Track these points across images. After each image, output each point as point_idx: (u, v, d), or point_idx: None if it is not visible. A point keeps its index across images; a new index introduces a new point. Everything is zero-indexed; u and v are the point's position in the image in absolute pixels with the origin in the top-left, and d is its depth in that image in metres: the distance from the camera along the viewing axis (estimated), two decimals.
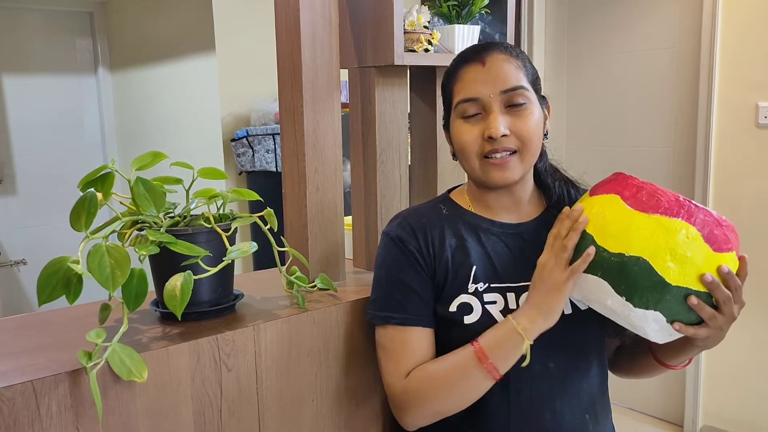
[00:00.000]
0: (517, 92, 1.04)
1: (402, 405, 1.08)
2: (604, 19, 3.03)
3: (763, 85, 2.51)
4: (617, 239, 0.92)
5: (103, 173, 0.96)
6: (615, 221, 0.93)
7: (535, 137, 1.06)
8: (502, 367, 0.99)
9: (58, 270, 0.86)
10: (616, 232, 0.93)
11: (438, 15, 1.45)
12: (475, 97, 1.05)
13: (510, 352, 0.99)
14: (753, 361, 2.64)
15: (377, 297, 1.12)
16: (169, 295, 0.94)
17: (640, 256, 0.90)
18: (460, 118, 1.08)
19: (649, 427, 2.95)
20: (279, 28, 1.25)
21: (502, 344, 0.99)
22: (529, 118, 1.05)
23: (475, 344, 1.02)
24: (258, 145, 3.07)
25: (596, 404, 1.12)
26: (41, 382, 0.84)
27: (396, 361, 1.08)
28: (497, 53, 1.07)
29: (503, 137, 1.03)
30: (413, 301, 1.08)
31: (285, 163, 1.29)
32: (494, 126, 1.03)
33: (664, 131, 2.88)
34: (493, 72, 1.05)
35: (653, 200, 0.93)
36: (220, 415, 1.02)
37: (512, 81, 1.05)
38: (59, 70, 3.97)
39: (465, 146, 1.07)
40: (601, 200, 0.97)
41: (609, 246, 0.93)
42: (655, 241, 0.90)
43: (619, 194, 0.96)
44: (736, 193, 2.63)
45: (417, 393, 1.05)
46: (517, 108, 1.05)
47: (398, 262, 1.10)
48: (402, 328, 1.08)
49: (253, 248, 1.03)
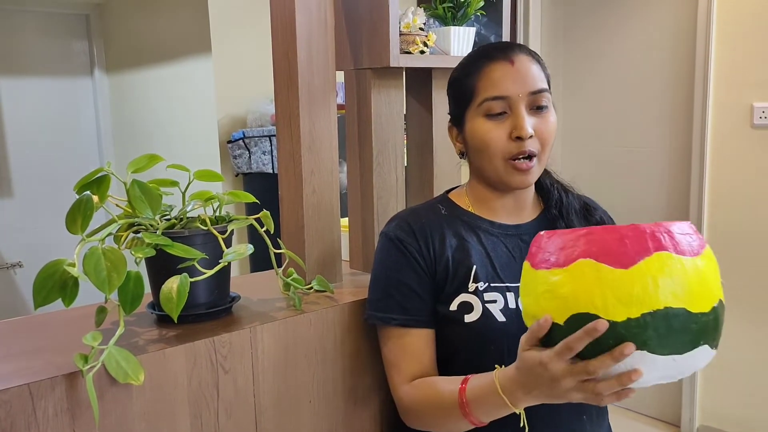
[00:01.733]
0: (543, 95, 1.05)
1: (402, 413, 1.11)
2: (600, 21, 3.04)
3: (758, 86, 2.52)
4: (705, 296, 0.78)
5: (99, 176, 0.96)
6: (692, 279, 0.77)
7: (553, 140, 1.08)
8: (486, 419, 0.97)
9: (54, 273, 0.86)
10: (700, 290, 0.78)
11: (433, 17, 1.45)
12: (505, 96, 1.04)
13: (495, 413, 0.95)
14: (749, 361, 2.64)
15: (376, 298, 1.12)
16: (166, 298, 0.94)
17: (719, 299, 0.80)
18: (483, 116, 1.07)
19: (646, 427, 2.96)
20: (275, 30, 1.26)
21: (489, 407, 0.94)
22: (550, 121, 1.06)
23: (462, 392, 0.97)
24: (254, 146, 3.06)
25: (593, 406, 1.12)
26: (37, 385, 0.84)
27: (398, 367, 1.09)
28: (523, 54, 1.07)
29: (529, 138, 1.04)
30: (414, 302, 1.08)
31: (281, 164, 1.29)
32: (524, 126, 1.03)
33: (659, 132, 2.89)
34: (523, 72, 1.05)
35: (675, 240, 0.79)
36: (217, 418, 1.02)
37: (539, 83, 1.05)
38: (55, 72, 3.97)
39: (490, 144, 1.06)
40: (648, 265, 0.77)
41: (702, 308, 0.78)
42: (716, 277, 0.81)
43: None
44: (731, 194, 2.64)
45: (412, 410, 1.07)
46: (539, 110, 1.06)
47: (398, 263, 1.10)
48: (402, 330, 1.08)
49: (249, 250, 1.03)
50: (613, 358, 0.76)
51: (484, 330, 1.04)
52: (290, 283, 1.17)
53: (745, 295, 2.60)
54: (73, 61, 4.03)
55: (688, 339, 0.77)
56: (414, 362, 1.07)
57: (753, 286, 2.57)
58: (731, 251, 2.62)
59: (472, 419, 0.96)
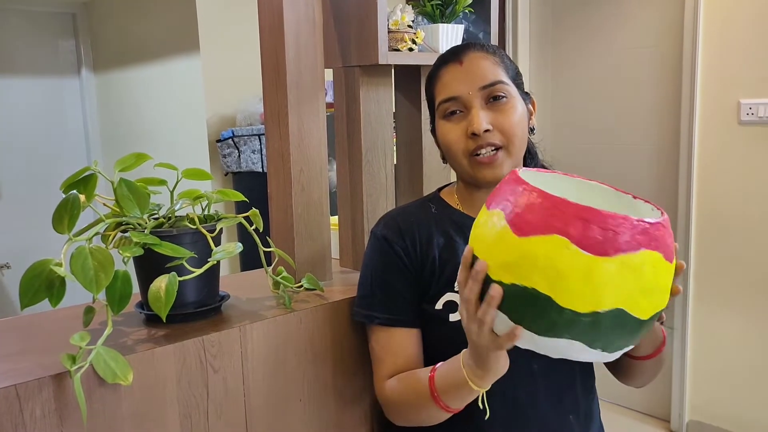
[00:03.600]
0: (496, 87, 1.05)
1: (384, 408, 1.12)
2: (588, 18, 3.05)
3: (745, 83, 2.53)
4: (585, 297, 0.73)
5: (86, 175, 0.95)
6: (575, 276, 0.73)
7: (519, 131, 1.06)
8: (456, 406, 0.98)
9: (40, 273, 0.86)
10: (581, 290, 0.73)
11: (422, 14, 1.45)
12: (455, 96, 1.06)
13: (465, 396, 0.96)
14: (738, 356, 2.67)
15: (362, 295, 1.13)
16: (154, 297, 0.93)
17: (614, 308, 0.74)
18: (442, 118, 1.09)
19: (635, 422, 2.98)
20: (263, 29, 1.25)
21: (455, 390, 0.95)
22: (511, 112, 1.06)
23: (431, 380, 0.98)
24: (244, 145, 3.05)
25: (581, 406, 1.12)
26: (24, 387, 0.83)
27: (379, 364, 1.10)
28: (474, 52, 1.08)
29: (486, 132, 1.04)
30: (397, 302, 1.09)
31: (270, 163, 1.29)
32: (476, 122, 1.04)
33: (647, 129, 2.91)
34: (471, 70, 1.06)
35: (609, 236, 0.73)
36: (207, 417, 1.02)
37: (490, 77, 1.06)
38: (42, 71, 3.93)
39: (450, 145, 1.08)
40: (543, 244, 0.74)
41: (576, 306, 0.74)
42: (626, 286, 0.74)
43: (565, 235, 0.73)
44: (719, 190, 2.65)
45: (392, 403, 1.08)
46: (497, 102, 1.06)
47: (383, 262, 1.10)
48: (385, 329, 1.09)
49: (238, 249, 1.03)
50: (472, 278, 0.80)
51: None
52: (280, 281, 1.17)
53: (732, 290, 2.62)
54: (60, 61, 4.00)
55: (544, 323, 0.76)
56: (397, 360, 1.08)
57: (740, 281, 2.59)
58: (718, 247, 2.64)
59: (442, 404, 0.97)
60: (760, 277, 2.55)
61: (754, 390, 2.64)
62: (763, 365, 2.60)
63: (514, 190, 0.79)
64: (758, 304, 2.57)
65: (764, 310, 2.57)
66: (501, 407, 1.05)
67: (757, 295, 2.57)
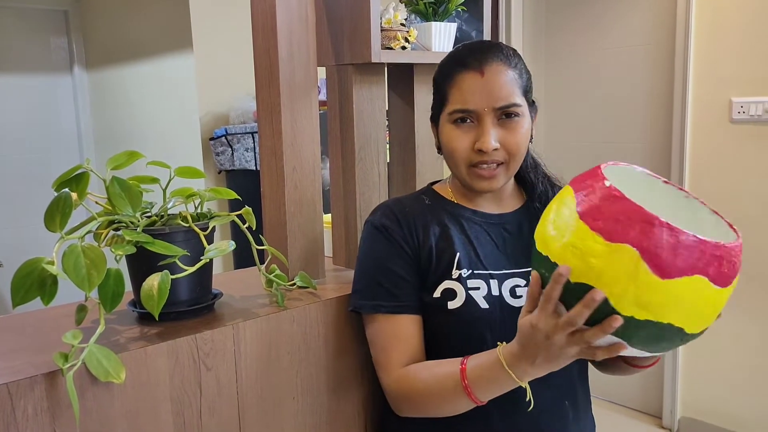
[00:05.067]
0: (511, 108, 1.06)
1: (393, 400, 1.10)
2: (581, 17, 3.06)
3: (736, 81, 2.55)
4: (650, 311, 0.77)
5: (78, 173, 0.95)
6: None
7: (523, 148, 1.08)
8: (486, 398, 0.99)
9: (32, 271, 0.85)
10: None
11: (415, 12, 1.45)
12: (471, 110, 1.06)
13: (498, 390, 0.97)
14: (730, 353, 2.68)
15: (364, 286, 1.12)
16: (146, 295, 0.93)
17: (672, 324, 0.78)
18: (451, 122, 1.09)
19: (628, 419, 2.99)
20: (255, 27, 1.25)
21: (492, 383, 0.96)
22: (519, 131, 1.07)
23: (462, 372, 0.98)
24: (237, 143, 3.05)
25: (576, 392, 1.14)
26: (16, 385, 0.83)
27: (387, 354, 1.09)
28: (496, 63, 1.06)
29: (493, 151, 1.05)
30: (403, 289, 1.09)
31: (263, 161, 1.29)
32: (486, 140, 1.04)
33: (640, 127, 2.92)
34: (490, 85, 1.05)
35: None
36: (200, 415, 1.02)
37: (508, 97, 1.05)
38: (34, 69, 3.91)
39: (454, 152, 1.09)
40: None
41: (637, 314, 0.77)
42: (687, 306, 0.78)
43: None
44: (710, 187, 2.67)
45: (406, 397, 1.07)
46: (508, 120, 1.06)
47: (385, 251, 1.11)
48: (392, 317, 1.09)
49: (231, 247, 1.03)
50: (586, 306, 0.78)
51: (466, 316, 1.05)
52: (273, 279, 1.17)
53: None
54: (52, 58, 3.98)
55: (666, 345, 0.82)
56: (404, 348, 1.08)
57: None
58: None
59: (473, 397, 0.97)
60: (752, 275, 2.57)
61: (746, 387, 2.66)
62: (755, 362, 2.62)
63: (639, 218, 0.76)
64: (750, 302, 2.59)
65: (756, 307, 2.59)
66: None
67: (749, 293, 2.58)
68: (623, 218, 0.77)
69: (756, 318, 2.59)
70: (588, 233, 0.79)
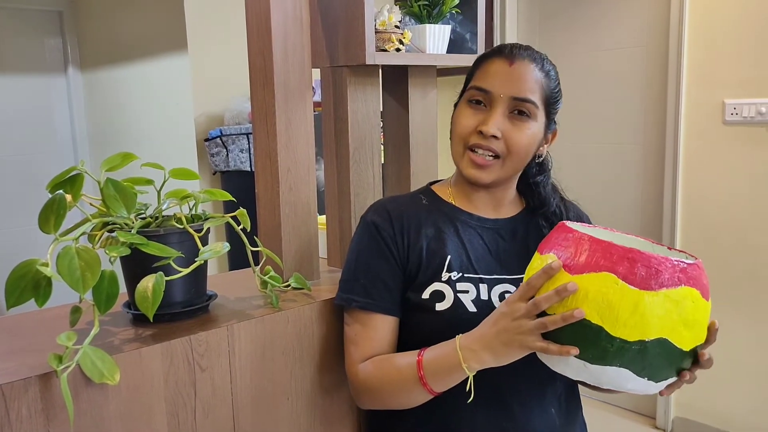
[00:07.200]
0: (526, 104, 1.06)
1: (355, 391, 1.12)
2: (575, 19, 3.07)
3: (730, 83, 2.56)
4: (633, 327, 0.83)
5: (72, 174, 0.95)
6: (623, 307, 0.83)
7: (523, 151, 1.08)
8: (440, 389, 1.01)
9: (26, 273, 0.85)
10: (629, 320, 0.83)
11: (409, 14, 1.46)
12: (487, 89, 1.07)
13: (450, 380, 0.99)
14: (724, 354, 2.68)
15: (345, 279, 1.14)
16: (141, 297, 0.93)
17: (659, 337, 0.84)
18: (467, 101, 1.10)
19: (621, 420, 3.00)
20: (250, 28, 1.25)
21: (443, 372, 0.99)
22: (525, 131, 1.07)
23: (419, 362, 1.01)
24: (232, 144, 3.05)
25: (564, 398, 1.14)
26: (10, 387, 0.83)
27: (355, 346, 1.11)
28: (528, 60, 1.07)
29: (492, 137, 1.05)
30: (377, 288, 1.09)
31: (258, 162, 1.29)
32: (489, 124, 1.05)
33: (634, 128, 2.93)
34: (515, 74, 1.06)
35: (653, 273, 0.83)
36: (195, 417, 1.02)
37: (526, 92, 1.06)
38: (28, 69, 3.90)
39: (457, 127, 1.10)
40: (594, 281, 0.85)
41: (625, 335, 0.83)
42: (669, 317, 0.84)
43: (613, 272, 0.84)
44: (704, 189, 2.68)
45: (366, 386, 1.09)
46: (519, 117, 1.07)
47: (369, 248, 1.12)
48: (363, 313, 1.10)
49: (225, 248, 1.03)
50: (557, 293, 0.85)
51: (454, 319, 1.05)
52: (267, 281, 1.17)
53: (716, 289, 2.64)
54: (46, 59, 3.97)
55: (599, 354, 0.85)
56: (371, 345, 1.09)
57: (724, 280, 2.62)
58: (703, 246, 2.67)
59: (428, 387, 1.00)
60: (745, 276, 2.58)
61: (739, 387, 2.67)
62: (748, 362, 2.63)
63: (566, 237, 0.90)
64: (743, 303, 2.60)
65: (749, 308, 2.60)
66: (483, 394, 1.06)
67: (742, 294, 2.60)
68: (559, 240, 0.92)
69: (749, 319, 2.60)
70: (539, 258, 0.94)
